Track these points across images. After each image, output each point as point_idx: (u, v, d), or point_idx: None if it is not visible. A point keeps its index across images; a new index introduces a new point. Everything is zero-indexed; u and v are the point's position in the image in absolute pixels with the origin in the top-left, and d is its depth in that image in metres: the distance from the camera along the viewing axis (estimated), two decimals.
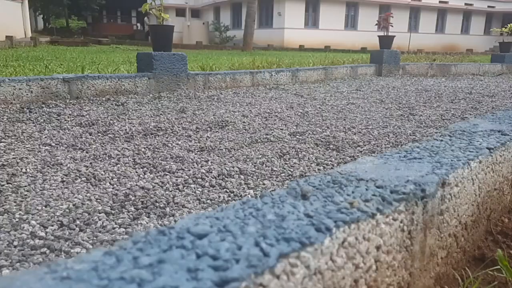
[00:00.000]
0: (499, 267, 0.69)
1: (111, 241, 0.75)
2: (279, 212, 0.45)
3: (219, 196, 0.99)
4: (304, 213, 0.44)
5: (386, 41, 4.66)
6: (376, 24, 4.64)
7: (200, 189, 1.04)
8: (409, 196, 0.53)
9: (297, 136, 1.68)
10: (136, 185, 1.05)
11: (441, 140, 0.83)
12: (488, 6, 25.69)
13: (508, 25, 6.10)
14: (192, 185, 1.07)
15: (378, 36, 4.69)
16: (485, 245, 0.76)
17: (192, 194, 1.00)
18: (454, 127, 0.94)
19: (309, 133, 1.73)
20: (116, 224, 0.83)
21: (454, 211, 0.65)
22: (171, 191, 1.02)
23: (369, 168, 0.63)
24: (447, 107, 2.50)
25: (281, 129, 1.82)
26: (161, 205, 0.92)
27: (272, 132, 1.72)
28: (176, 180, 1.10)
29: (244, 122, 1.95)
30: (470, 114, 2.24)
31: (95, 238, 0.76)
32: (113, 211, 0.89)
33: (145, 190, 1.01)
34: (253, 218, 0.43)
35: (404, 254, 0.53)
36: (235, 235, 0.38)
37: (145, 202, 0.94)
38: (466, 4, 25.04)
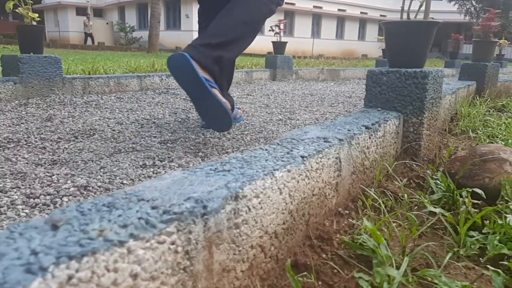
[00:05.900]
0: (307, 273, 0.71)
1: None
2: (1, 250, 0.39)
3: None
4: (32, 248, 0.39)
5: (279, 47, 4.83)
6: (270, 30, 4.79)
7: (27, 210, 0.94)
8: (183, 216, 0.50)
9: (168, 144, 1.63)
10: None
11: (266, 149, 0.84)
12: (380, 15, 28.21)
13: None
14: (20, 206, 0.96)
15: (272, 41, 4.85)
16: (301, 251, 0.78)
17: (12, 218, 0.89)
18: (287, 135, 0.96)
19: (181, 140, 1.69)
20: None
21: (256, 222, 0.65)
22: None
23: (163, 185, 0.60)
24: (325, 110, 2.64)
25: (154, 137, 1.75)
26: None
27: (141, 141, 1.65)
28: (1, 201, 0.98)
29: (115, 130, 1.84)
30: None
31: None
32: None
33: None
34: None
35: (181, 276, 0.50)
36: None
37: None
38: (361, 12, 27.24)
